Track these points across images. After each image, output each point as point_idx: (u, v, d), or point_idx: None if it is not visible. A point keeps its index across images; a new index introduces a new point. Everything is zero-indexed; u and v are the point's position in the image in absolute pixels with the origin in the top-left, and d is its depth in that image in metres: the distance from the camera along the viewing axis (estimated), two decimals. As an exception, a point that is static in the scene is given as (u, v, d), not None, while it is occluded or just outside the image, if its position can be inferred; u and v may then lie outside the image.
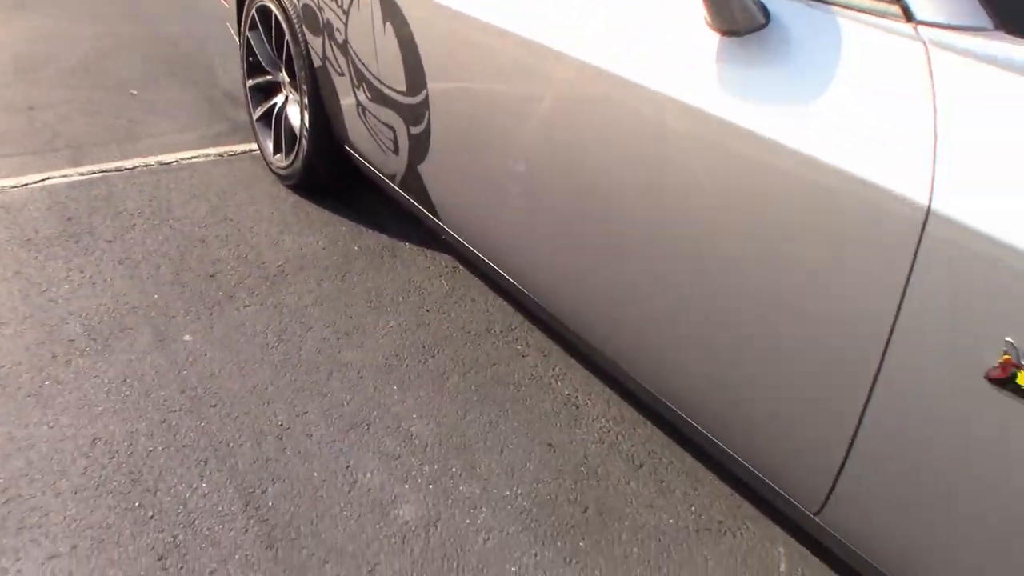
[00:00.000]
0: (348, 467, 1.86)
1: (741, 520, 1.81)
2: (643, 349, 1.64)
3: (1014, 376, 1.03)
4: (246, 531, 1.70)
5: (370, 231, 2.81)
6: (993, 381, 1.06)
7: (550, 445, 1.96)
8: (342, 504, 1.77)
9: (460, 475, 1.86)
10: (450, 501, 1.80)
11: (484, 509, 1.79)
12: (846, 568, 1.68)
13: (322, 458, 1.88)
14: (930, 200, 1.06)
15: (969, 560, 1.16)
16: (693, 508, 1.83)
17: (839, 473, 1.32)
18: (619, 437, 2.00)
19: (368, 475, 1.84)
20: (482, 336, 2.32)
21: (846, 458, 1.29)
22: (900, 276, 1.12)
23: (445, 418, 2.02)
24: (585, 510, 1.80)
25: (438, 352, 2.24)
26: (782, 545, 1.77)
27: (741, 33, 1.27)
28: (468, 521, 1.76)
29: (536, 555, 1.69)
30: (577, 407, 2.09)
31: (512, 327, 2.36)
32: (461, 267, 2.63)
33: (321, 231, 2.78)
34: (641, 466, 1.93)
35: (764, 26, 1.27)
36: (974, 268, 1.03)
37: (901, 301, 1.13)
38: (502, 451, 1.93)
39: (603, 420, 2.05)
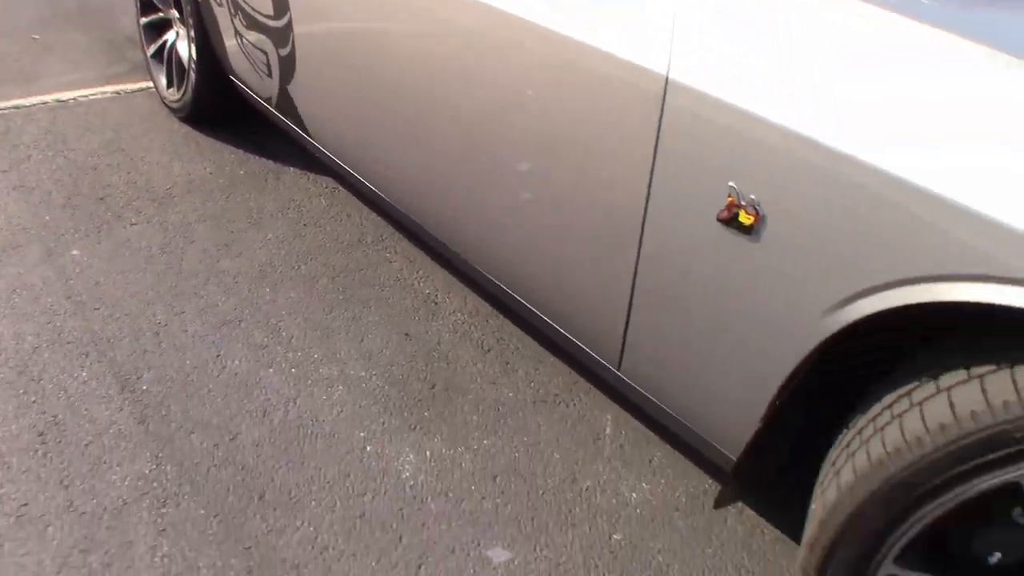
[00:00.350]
0: (218, 356, 2.05)
1: (576, 394, 2.04)
2: (468, 228, 1.86)
3: (737, 215, 1.25)
4: (121, 410, 1.88)
5: (256, 157, 2.97)
6: (722, 221, 1.28)
7: (407, 335, 2.17)
8: (210, 386, 1.96)
9: (321, 360, 2.06)
10: (310, 382, 2.00)
11: (340, 387, 1.99)
12: (663, 429, 1.91)
13: (195, 349, 2.06)
14: (668, 71, 1.27)
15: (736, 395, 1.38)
16: (532, 384, 2.05)
17: (626, 327, 1.54)
18: (471, 328, 2.22)
19: (236, 362, 2.03)
20: (353, 246, 2.51)
21: (629, 312, 1.52)
22: (650, 143, 1.33)
23: (312, 315, 2.21)
24: (433, 387, 2.01)
25: (311, 260, 2.43)
26: (610, 413, 1.99)
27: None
28: (324, 397, 1.96)
29: (384, 423, 1.90)
30: (436, 304, 2.29)
31: (383, 238, 2.56)
32: (340, 188, 2.81)
33: (209, 158, 2.94)
34: (489, 351, 2.14)
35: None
36: (706, 129, 1.24)
37: (653, 164, 1.34)
38: (362, 340, 2.13)
39: (458, 314, 2.26)
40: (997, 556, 1.19)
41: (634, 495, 1.78)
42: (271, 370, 2.00)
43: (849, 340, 1.20)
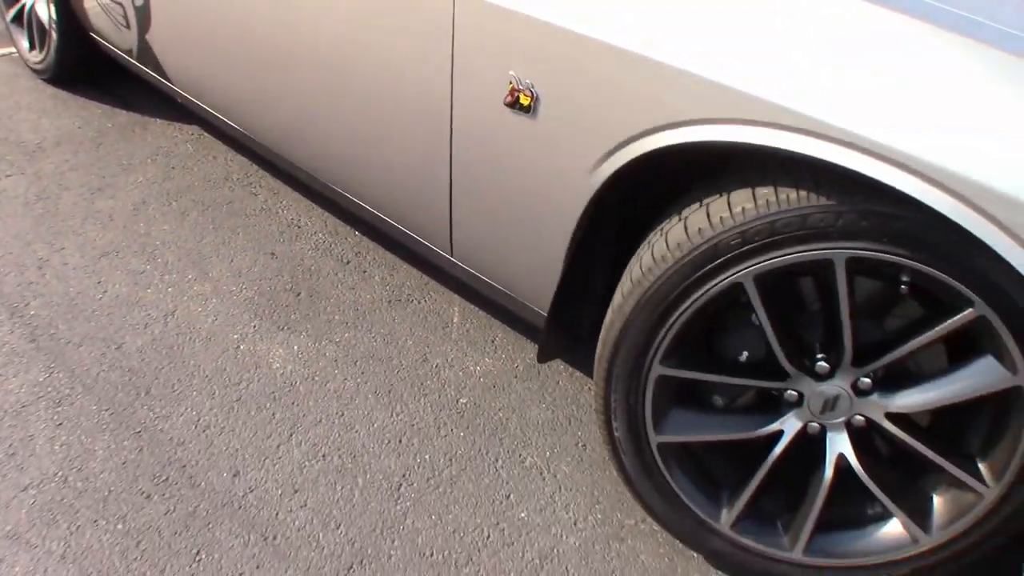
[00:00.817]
0: (99, 283, 2.27)
1: (427, 292, 2.33)
2: (316, 147, 2.12)
3: (518, 99, 1.55)
4: (12, 332, 2.09)
5: (123, 111, 3.16)
6: (508, 105, 1.58)
7: (273, 254, 2.42)
8: (94, 308, 2.18)
9: (195, 280, 2.30)
10: (186, 298, 2.24)
11: (214, 300, 2.24)
12: (504, 311, 2.22)
13: (77, 278, 2.28)
14: None
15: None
16: (388, 287, 2.33)
17: (451, 213, 1.83)
18: (332, 244, 2.48)
19: (117, 286, 2.26)
20: (220, 183, 2.74)
21: (451, 199, 1.80)
22: (447, 45, 1.61)
23: (184, 243, 2.44)
24: (298, 295, 2.28)
25: (181, 197, 2.65)
26: (457, 305, 2.29)
27: None
28: (200, 309, 2.20)
29: (255, 326, 2.16)
30: (299, 227, 2.55)
31: (248, 175, 2.79)
32: (206, 134, 3.03)
33: (77, 114, 3.11)
34: (348, 263, 2.42)
35: None
36: (492, 26, 1.52)
37: (452, 64, 1.63)
38: (232, 261, 2.38)
39: (320, 234, 2.53)
40: (745, 354, 1.53)
41: (478, 368, 2.08)
42: (149, 291, 2.24)
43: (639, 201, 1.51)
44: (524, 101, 1.50)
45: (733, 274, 1.34)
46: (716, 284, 1.36)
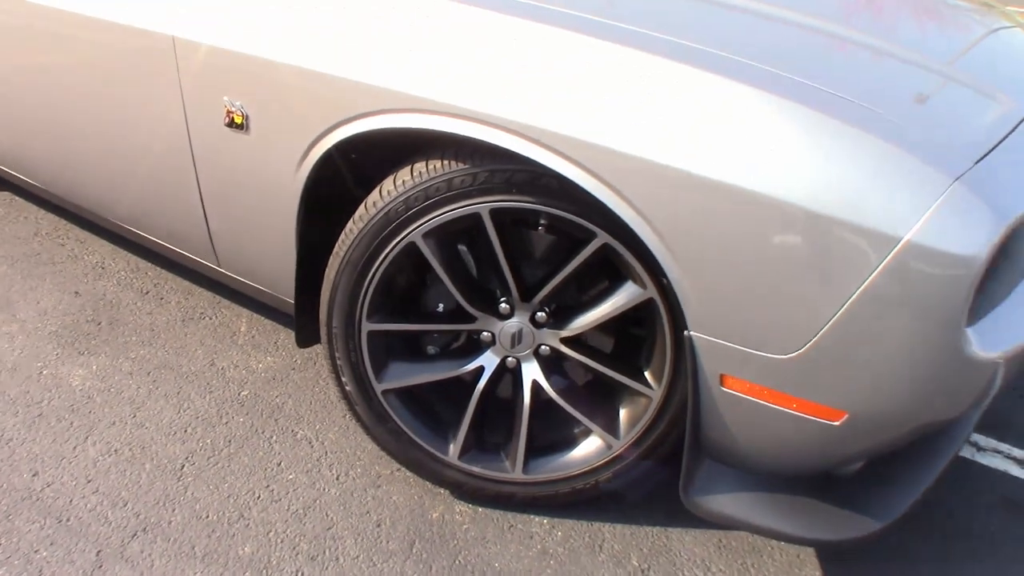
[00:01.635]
0: (-89, 333, 2.49)
1: (219, 309, 2.61)
2: (99, 190, 2.39)
3: (233, 119, 1.87)
4: None
5: (-63, 186, 3.37)
6: (227, 125, 1.89)
7: (77, 293, 2.68)
8: None
9: (3, 322, 2.54)
10: (-7, 337, 2.47)
11: (20, 337, 2.48)
12: (282, 315, 2.51)
13: None
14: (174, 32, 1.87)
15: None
16: (182, 309, 2.61)
17: (208, 228, 2.12)
18: (133, 280, 2.75)
19: (-73, 334, 2.48)
20: (29, 239, 2.98)
21: (205, 216, 2.09)
22: (175, 85, 1.92)
23: (-7, 292, 2.68)
24: (99, 325, 2.54)
25: (-8, 254, 2.89)
26: (245, 317, 2.58)
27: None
28: (7, 345, 2.44)
29: (57, 354, 2.41)
30: (103, 268, 2.81)
31: (57, 229, 3.04)
32: (17, 197, 3.26)
33: None
34: (147, 293, 2.69)
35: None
36: (207, 61, 1.83)
37: (183, 99, 1.94)
38: (38, 303, 2.63)
39: (123, 272, 2.79)
40: (441, 306, 1.86)
41: (260, 365, 2.38)
42: (-42, 335, 2.47)
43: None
44: (238, 120, 1.82)
45: (406, 236, 1.67)
46: (395, 246, 1.69)
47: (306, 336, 2.07)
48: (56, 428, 2.10)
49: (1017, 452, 2.23)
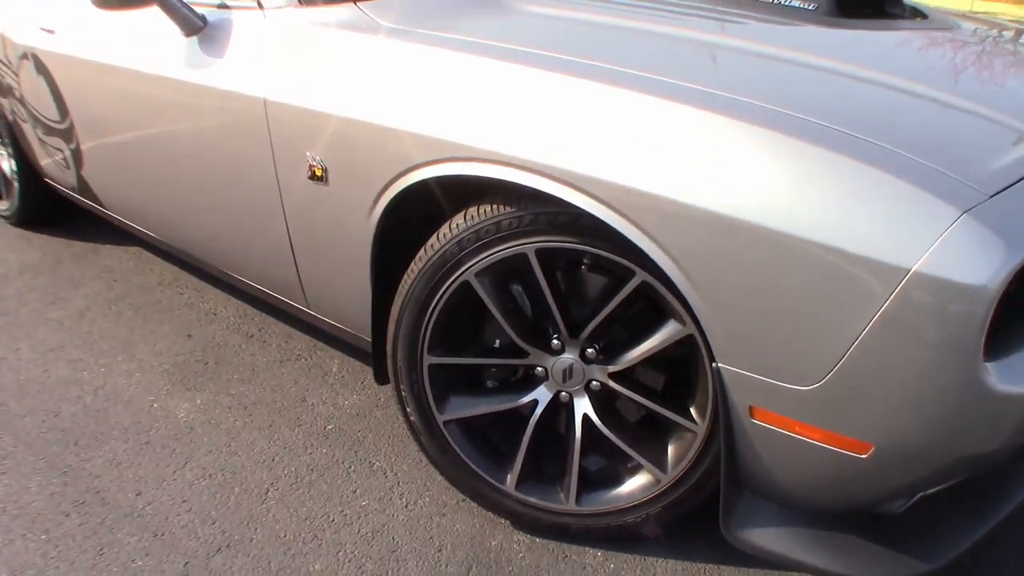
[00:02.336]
0: (45, 370, 2.78)
1: (314, 352, 2.83)
2: (210, 244, 2.64)
3: (315, 172, 2.09)
4: (-31, 412, 2.59)
5: (79, 242, 3.73)
6: (311, 179, 2.11)
7: (189, 336, 2.94)
8: (38, 388, 2.69)
9: (123, 360, 2.81)
10: (115, 374, 2.74)
11: (137, 374, 2.74)
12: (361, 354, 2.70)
13: (27, 369, 2.79)
14: (264, 95, 2.10)
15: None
16: (281, 351, 2.84)
17: (298, 273, 2.34)
18: (240, 325, 3.00)
19: (59, 371, 2.77)
20: (152, 288, 3.28)
21: (296, 262, 2.30)
22: (267, 142, 2.14)
23: (118, 335, 2.96)
24: (206, 364, 2.79)
25: (119, 302, 3.19)
26: (337, 359, 2.79)
27: (194, 32, 2.32)
28: (125, 381, 2.71)
29: (167, 389, 2.66)
30: (215, 314, 3.08)
31: (177, 280, 3.34)
32: (145, 251, 3.59)
33: (39, 247, 3.69)
34: (252, 336, 2.93)
35: (203, 28, 2.33)
36: (293, 121, 2.04)
37: (274, 159, 2.17)
38: (155, 344, 2.90)
39: (232, 318, 3.05)
40: (498, 341, 2.01)
41: (347, 402, 2.57)
42: (85, 372, 2.75)
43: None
44: (318, 173, 2.02)
45: (460, 275, 1.83)
46: (450, 285, 1.84)
47: (383, 373, 2.23)
48: (160, 454, 2.32)
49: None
